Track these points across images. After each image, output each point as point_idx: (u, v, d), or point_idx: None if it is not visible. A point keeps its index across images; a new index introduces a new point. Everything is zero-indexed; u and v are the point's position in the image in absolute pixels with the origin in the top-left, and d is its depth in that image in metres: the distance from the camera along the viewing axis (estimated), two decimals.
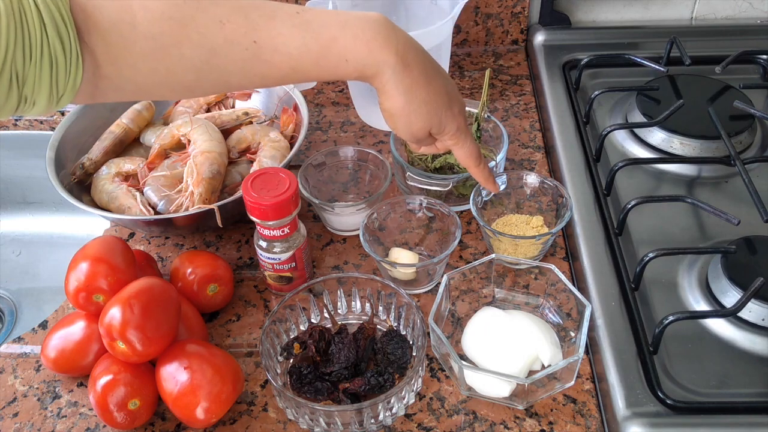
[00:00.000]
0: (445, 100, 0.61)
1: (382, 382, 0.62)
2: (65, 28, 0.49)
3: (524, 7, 1.05)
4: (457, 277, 0.68)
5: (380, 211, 0.75)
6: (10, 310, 1.00)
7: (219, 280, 0.71)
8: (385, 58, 0.56)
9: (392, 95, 0.58)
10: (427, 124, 0.61)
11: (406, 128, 0.62)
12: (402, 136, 0.63)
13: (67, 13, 0.49)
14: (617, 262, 0.72)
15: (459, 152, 0.66)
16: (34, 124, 1.05)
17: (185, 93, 0.59)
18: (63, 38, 0.48)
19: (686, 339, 0.65)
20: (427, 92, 0.59)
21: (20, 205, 1.10)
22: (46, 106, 0.51)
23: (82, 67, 0.50)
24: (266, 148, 0.82)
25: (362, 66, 0.56)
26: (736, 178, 0.79)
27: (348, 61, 0.56)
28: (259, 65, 0.55)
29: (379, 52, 0.56)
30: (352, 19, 0.56)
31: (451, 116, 0.62)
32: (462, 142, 0.65)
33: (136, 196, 0.79)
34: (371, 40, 0.56)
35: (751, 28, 1.05)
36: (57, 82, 0.50)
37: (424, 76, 0.59)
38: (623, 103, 0.92)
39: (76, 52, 0.49)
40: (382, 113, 0.61)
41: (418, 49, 0.59)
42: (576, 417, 0.62)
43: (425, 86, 0.59)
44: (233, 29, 0.53)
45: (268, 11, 0.55)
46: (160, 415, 0.65)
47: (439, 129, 0.62)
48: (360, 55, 0.56)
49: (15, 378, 0.69)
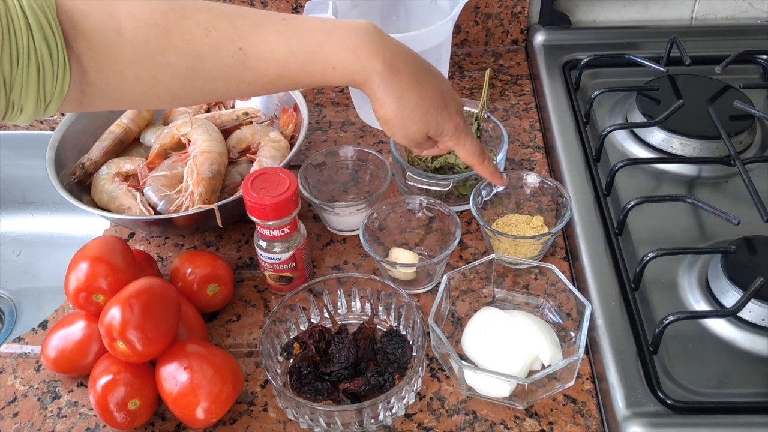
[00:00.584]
0: (439, 102, 0.61)
1: (382, 382, 0.62)
2: (52, 34, 0.49)
3: (524, 7, 1.05)
4: (457, 277, 0.68)
5: (380, 211, 0.75)
6: (10, 310, 1.00)
7: (219, 280, 0.71)
8: (373, 64, 0.56)
9: (384, 102, 0.58)
10: (423, 127, 0.61)
11: (403, 133, 0.61)
12: (400, 141, 0.63)
13: (54, 19, 0.49)
14: (617, 262, 0.72)
15: (461, 151, 0.66)
16: (34, 124, 1.05)
17: (172, 101, 0.58)
18: (50, 44, 0.49)
19: (686, 339, 0.65)
20: (419, 96, 0.59)
21: (20, 205, 1.10)
22: (34, 113, 0.51)
23: (69, 73, 0.50)
24: (266, 148, 0.82)
25: (350, 73, 0.56)
26: (736, 178, 0.79)
27: (335, 68, 0.56)
28: (246, 72, 0.55)
29: (367, 59, 0.56)
30: (339, 26, 0.56)
31: (448, 117, 0.62)
32: (463, 141, 0.64)
33: (136, 196, 0.79)
34: (358, 47, 0.56)
35: (751, 28, 1.05)
36: (44, 88, 0.50)
37: (414, 81, 0.58)
38: (623, 103, 0.92)
39: (63, 58, 0.50)
40: (378, 121, 0.61)
41: (407, 54, 0.59)
42: (576, 417, 0.62)
43: (417, 90, 0.59)
44: (219, 36, 0.53)
45: (254, 18, 0.55)
46: (160, 415, 0.65)
47: (436, 131, 0.62)
48: (347, 62, 0.56)
49: (15, 378, 0.69)
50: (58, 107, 0.52)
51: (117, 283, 0.64)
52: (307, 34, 0.55)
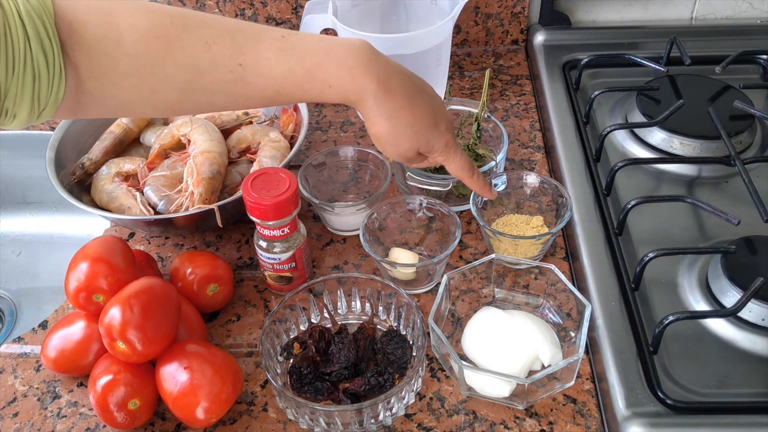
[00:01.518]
0: (430, 121, 0.62)
1: (382, 382, 0.62)
2: (49, 42, 0.49)
3: (524, 7, 1.05)
4: (457, 277, 0.68)
5: (380, 211, 0.75)
6: (10, 310, 1.00)
7: (219, 280, 0.71)
8: (367, 85, 0.57)
9: (376, 121, 0.60)
10: (414, 144, 0.62)
11: (395, 150, 0.63)
12: (391, 157, 0.64)
13: (52, 27, 0.49)
14: (617, 262, 0.72)
15: (451, 166, 0.67)
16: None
17: (168, 112, 0.59)
18: (47, 52, 0.48)
19: (686, 339, 0.65)
20: (411, 115, 0.60)
21: (20, 205, 1.10)
22: (27, 119, 0.51)
23: (65, 81, 0.50)
24: (266, 148, 0.82)
25: (345, 92, 0.58)
26: (736, 178, 0.79)
27: (332, 87, 0.57)
28: (244, 87, 0.56)
29: (362, 80, 0.57)
30: (337, 46, 0.57)
31: (438, 134, 0.63)
32: (452, 157, 0.66)
33: (136, 196, 0.79)
34: (354, 68, 0.57)
35: (751, 28, 1.05)
36: (39, 95, 0.50)
37: (407, 100, 0.60)
38: (623, 103, 0.92)
39: (59, 66, 0.50)
40: (371, 137, 0.63)
41: (400, 74, 0.60)
42: (576, 417, 0.62)
43: (409, 109, 0.60)
44: (219, 51, 0.54)
45: (255, 34, 0.55)
46: (160, 415, 0.65)
47: (427, 148, 0.63)
48: (343, 82, 0.57)
49: (15, 378, 0.69)
50: (52, 114, 0.52)
51: (117, 283, 0.64)
52: (306, 52, 0.56)
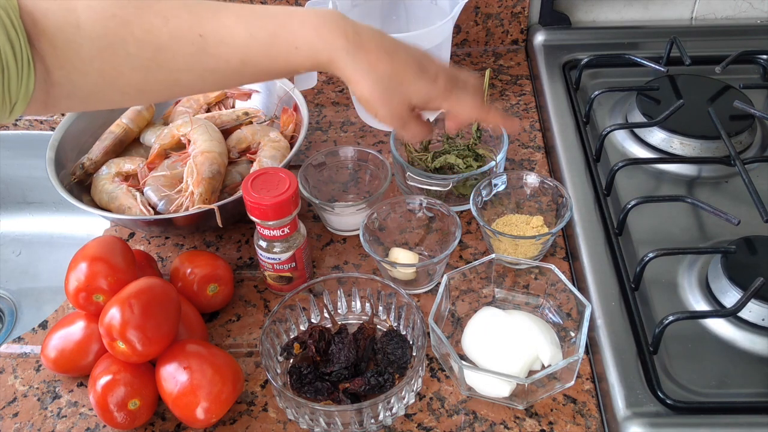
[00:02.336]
0: (414, 67, 0.58)
1: (382, 382, 0.62)
2: (16, 34, 0.49)
3: (524, 7, 1.05)
4: (457, 277, 0.68)
5: (380, 211, 0.75)
6: (10, 310, 1.00)
7: (219, 280, 0.71)
8: (334, 40, 0.55)
9: (356, 79, 0.57)
10: (404, 96, 0.58)
11: (387, 109, 0.59)
12: (385, 121, 0.60)
13: (18, 20, 0.49)
14: (617, 262, 0.72)
15: (459, 108, 0.61)
16: (34, 123, 1.05)
17: (136, 95, 0.58)
18: (14, 44, 0.49)
19: (686, 339, 0.65)
20: (391, 66, 0.57)
21: (20, 205, 1.10)
22: None
23: (34, 73, 0.51)
24: (266, 148, 0.82)
25: (314, 52, 0.56)
26: (736, 178, 0.79)
27: (298, 48, 0.55)
28: (207, 59, 0.55)
29: (328, 35, 0.55)
30: (300, 10, 0.56)
31: (428, 79, 0.59)
32: (455, 98, 0.60)
33: (136, 196, 0.79)
34: (320, 26, 0.55)
35: (751, 28, 1.05)
36: (9, 89, 0.50)
37: (384, 52, 0.57)
38: (623, 103, 0.92)
39: (27, 58, 0.50)
40: (359, 103, 0.59)
41: (371, 30, 0.58)
42: (576, 417, 0.62)
43: (388, 61, 0.57)
44: (178, 24, 0.53)
45: (213, 5, 0.55)
46: (160, 415, 0.65)
47: (420, 97, 0.59)
48: (309, 40, 0.55)
49: (15, 378, 0.69)
50: (24, 108, 0.52)
51: (117, 283, 0.64)
52: (268, 17, 0.55)
